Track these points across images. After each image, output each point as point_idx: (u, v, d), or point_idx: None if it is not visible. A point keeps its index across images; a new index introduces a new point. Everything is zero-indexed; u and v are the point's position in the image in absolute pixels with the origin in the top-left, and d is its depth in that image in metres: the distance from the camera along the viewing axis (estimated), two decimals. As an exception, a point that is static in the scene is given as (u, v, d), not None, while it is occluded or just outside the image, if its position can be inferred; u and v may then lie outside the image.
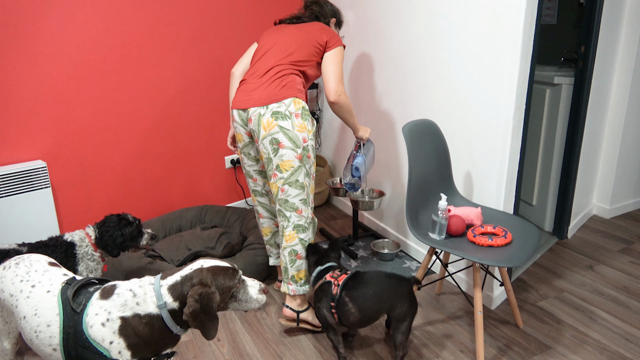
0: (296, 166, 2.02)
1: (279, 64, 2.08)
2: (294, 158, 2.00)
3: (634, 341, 2.05)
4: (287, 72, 2.07)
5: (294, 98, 2.01)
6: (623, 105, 3.03)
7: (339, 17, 2.41)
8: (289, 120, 1.98)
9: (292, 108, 1.99)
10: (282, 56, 2.10)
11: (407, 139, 1.98)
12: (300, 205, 2.06)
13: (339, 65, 2.13)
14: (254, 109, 2.01)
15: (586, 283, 2.50)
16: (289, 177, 2.02)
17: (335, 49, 2.14)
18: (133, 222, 2.10)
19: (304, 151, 2.02)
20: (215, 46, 3.12)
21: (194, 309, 1.29)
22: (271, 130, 1.98)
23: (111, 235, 2.02)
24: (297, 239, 2.06)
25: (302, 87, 2.09)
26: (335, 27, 2.40)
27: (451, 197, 2.21)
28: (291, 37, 2.15)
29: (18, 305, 1.39)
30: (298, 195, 2.05)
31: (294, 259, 2.07)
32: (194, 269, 1.38)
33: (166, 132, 3.06)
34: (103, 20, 2.67)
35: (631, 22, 2.89)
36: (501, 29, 2.05)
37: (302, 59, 2.11)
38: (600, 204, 3.29)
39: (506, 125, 2.10)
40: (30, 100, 2.54)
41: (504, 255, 1.77)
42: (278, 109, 1.98)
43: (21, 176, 2.47)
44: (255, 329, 2.21)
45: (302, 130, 2.00)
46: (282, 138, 1.98)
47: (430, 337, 2.12)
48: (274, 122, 1.97)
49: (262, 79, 2.06)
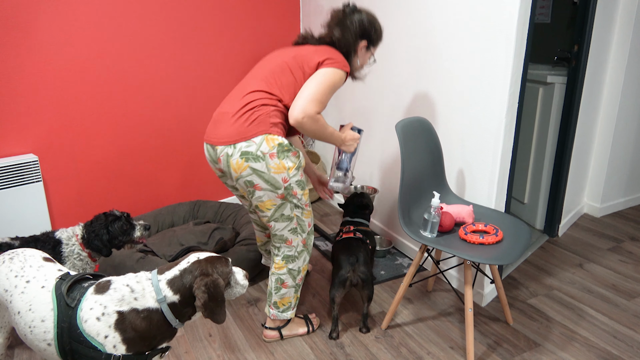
0: (279, 204, 1.84)
1: (254, 91, 1.80)
2: (274, 198, 1.82)
3: (622, 339, 2.08)
4: (260, 102, 1.78)
5: (265, 135, 1.75)
6: (615, 104, 3.05)
7: (372, 35, 1.95)
8: (262, 162, 1.75)
9: (265, 147, 1.74)
10: (260, 83, 1.82)
11: (400, 137, 1.98)
12: (290, 236, 1.94)
13: (322, 84, 1.76)
14: (221, 147, 1.78)
15: (576, 281, 2.53)
16: (272, 214, 1.87)
17: (327, 68, 1.80)
18: (120, 216, 2.03)
19: (287, 190, 1.82)
20: (208, 41, 3.11)
21: (205, 299, 1.34)
22: (243, 173, 1.76)
23: (97, 234, 1.96)
24: (285, 269, 1.99)
25: (277, 120, 1.80)
26: (367, 50, 1.99)
27: (443, 194, 2.22)
28: (279, 60, 1.86)
29: (12, 300, 1.39)
30: (286, 227, 1.91)
31: (279, 287, 2.00)
32: (191, 261, 1.41)
33: (159, 126, 3.05)
34: (96, 15, 2.65)
35: (624, 22, 2.91)
36: (495, 27, 2.05)
37: (284, 87, 1.81)
38: (591, 202, 3.32)
39: (499, 123, 2.11)
40: (22, 94, 2.52)
41: (495, 253, 1.79)
42: (247, 148, 1.74)
43: (12, 170, 2.45)
44: (246, 324, 2.22)
45: (279, 172, 1.77)
46: (257, 180, 1.77)
47: (421, 333, 2.14)
48: (244, 164, 1.75)
49: (233, 108, 1.80)
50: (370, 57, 2.04)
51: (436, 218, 1.92)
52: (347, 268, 2.03)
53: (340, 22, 1.91)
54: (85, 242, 1.97)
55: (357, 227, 2.32)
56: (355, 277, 2.03)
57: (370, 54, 2.02)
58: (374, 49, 2.02)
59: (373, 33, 1.95)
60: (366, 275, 2.03)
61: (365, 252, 2.14)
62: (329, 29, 1.95)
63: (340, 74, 1.83)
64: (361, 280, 2.03)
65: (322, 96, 1.77)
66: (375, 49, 2.03)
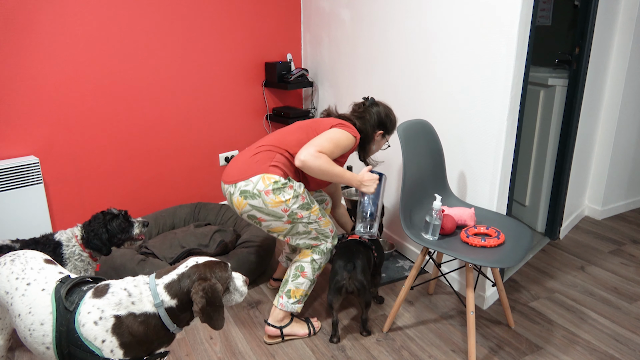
0: (289, 227, 1.96)
1: (261, 145, 1.99)
2: (281, 225, 1.95)
3: (624, 342, 2.07)
4: (267, 148, 1.96)
5: (262, 175, 1.88)
6: (616, 107, 3.05)
7: (387, 125, 2.16)
8: (258, 199, 1.88)
9: (261, 185, 1.87)
10: (275, 139, 2.00)
11: (401, 139, 1.98)
12: (312, 242, 2.04)
13: (328, 138, 1.90)
14: (226, 187, 1.95)
15: (577, 284, 2.52)
16: (286, 233, 1.99)
17: (335, 129, 1.97)
18: (118, 214, 2.02)
19: (291, 216, 1.93)
20: (210, 44, 3.11)
21: (202, 304, 1.32)
22: (244, 209, 1.91)
23: (96, 233, 1.95)
24: (310, 257, 2.05)
25: (278, 163, 1.92)
26: (383, 137, 2.18)
27: (445, 197, 2.22)
28: (297, 124, 2.06)
29: (13, 303, 1.39)
30: (304, 239, 2.02)
31: (298, 274, 2.05)
32: (190, 266, 1.39)
33: (160, 128, 3.04)
34: (98, 17, 2.65)
35: (625, 25, 2.91)
36: (496, 29, 2.05)
37: (294, 142, 1.97)
38: (592, 205, 3.32)
39: (500, 126, 2.11)
40: (23, 96, 2.52)
41: (497, 256, 1.78)
42: (245, 187, 1.89)
43: (13, 172, 2.45)
44: (247, 327, 2.21)
45: (277, 205, 1.89)
46: (258, 214, 1.91)
47: (423, 336, 2.13)
48: (244, 202, 1.90)
49: (243, 156, 1.99)
50: (385, 143, 2.24)
51: (438, 221, 1.91)
52: (342, 275, 2.00)
53: (360, 116, 2.13)
54: (84, 241, 1.96)
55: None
56: (351, 285, 2.00)
57: (385, 140, 2.22)
58: (389, 137, 2.22)
59: (389, 124, 2.16)
60: (362, 284, 1.99)
61: (366, 258, 2.10)
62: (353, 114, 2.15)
63: (349, 136, 1.97)
64: (357, 289, 2.00)
65: (327, 146, 1.88)
66: (390, 136, 2.23)
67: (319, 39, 3.39)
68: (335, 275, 2.02)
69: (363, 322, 2.12)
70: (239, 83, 3.32)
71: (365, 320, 2.11)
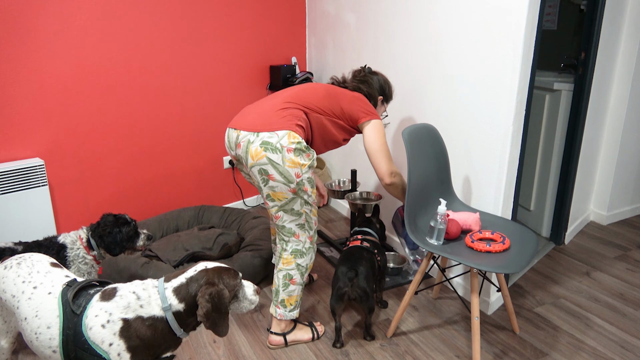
0: (290, 197, 1.91)
1: (288, 101, 1.95)
2: (287, 191, 1.89)
3: (630, 349, 2.05)
4: (292, 107, 1.93)
5: (289, 131, 1.84)
6: (622, 112, 3.04)
7: (387, 91, 2.25)
8: (279, 154, 1.82)
9: (285, 141, 1.83)
10: (296, 98, 1.97)
11: (406, 143, 1.98)
12: (297, 230, 1.99)
13: (383, 141, 2.00)
14: (245, 133, 1.88)
15: (582, 289, 2.50)
16: (283, 205, 1.93)
17: (373, 122, 2.01)
18: (130, 222, 2.06)
19: (298, 185, 1.88)
20: (215, 47, 3.12)
21: (207, 309, 1.32)
22: (259, 161, 1.84)
23: (110, 232, 1.98)
24: (294, 264, 2.00)
25: (302, 124, 1.91)
26: (382, 103, 2.26)
27: (450, 202, 2.21)
28: (316, 89, 2.02)
29: (20, 306, 1.39)
30: (294, 221, 1.97)
31: (288, 283, 2.01)
32: (199, 270, 1.40)
33: (164, 131, 3.05)
34: (103, 19, 2.66)
35: (631, 29, 2.90)
36: (502, 34, 2.05)
37: (317, 106, 1.97)
38: (597, 210, 3.30)
39: (506, 130, 2.10)
40: (28, 98, 2.53)
41: (502, 261, 1.77)
42: (269, 139, 1.83)
43: (18, 174, 2.46)
44: (251, 330, 2.21)
45: (293, 166, 1.84)
46: (271, 170, 1.84)
47: (427, 341, 2.12)
48: (262, 153, 1.82)
49: (263, 107, 1.94)
50: (384, 111, 2.31)
51: (442, 225, 1.91)
52: (344, 282, 1.99)
53: (364, 80, 2.19)
54: (97, 239, 1.98)
55: (365, 237, 2.29)
56: (353, 293, 1.99)
57: (384, 108, 2.30)
58: (387, 105, 2.31)
59: (387, 90, 2.26)
60: (365, 291, 1.99)
61: (369, 264, 2.09)
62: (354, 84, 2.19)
63: (380, 122, 2.06)
64: (359, 296, 1.99)
65: (388, 151, 2.03)
66: (387, 104, 2.32)
67: (324, 43, 3.39)
68: (338, 281, 2.01)
69: (367, 327, 2.11)
70: (243, 86, 3.32)
71: (369, 326, 2.11)
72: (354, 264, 2.03)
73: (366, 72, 2.24)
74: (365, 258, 2.10)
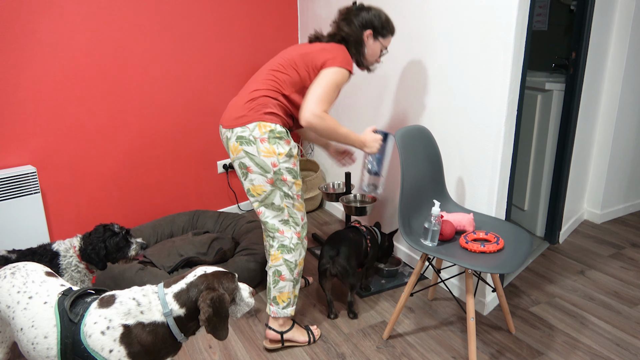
0: (269, 190, 1.93)
1: (261, 83, 1.95)
2: (264, 183, 1.92)
3: (625, 347, 2.06)
4: (262, 94, 1.92)
5: (258, 122, 1.88)
6: (613, 110, 3.06)
7: (376, 23, 2.01)
8: (253, 146, 1.88)
9: (257, 133, 1.87)
10: (267, 77, 1.95)
11: (399, 145, 1.98)
12: (281, 226, 2.00)
13: (326, 86, 1.86)
14: (224, 130, 1.96)
15: (577, 288, 2.51)
16: (263, 199, 1.96)
17: (329, 69, 1.89)
18: (119, 232, 2.00)
19: (276, 175, 1.91)
20: (208, 51, 3.11)
21: (209, 314, 1.32)
22: (238, 155, 1.91)
23: (94, 248, 1.93)
24: (281, 259, 2.01)
25: (273, 110, 1.92)
26: (375, 39, 2.04)
27: (443, 203, 2.21)
28: (288, 56, 1.97)
29: (15, 317, 1.38)
30: (277, 217, 1.98)
31: (277, 279, 2.02)
32: (198, 275, 1.40)
33: (158, 136, 3.04)
34: (95, 24, 2.65)
35: (621, 29, 2.92)
36: (493, 34, 2.06)
37: (288, 81, 1.93)
38: (591, 209, 3.31)
39: (498, 131, 2.11)
40: (19, 105, 2.52)
41: (496, 262, 1.77)
42: (242, 133, 1.89)
43: (10, 181, 2.44)
44: (247, 335, 2.20)
45: (269, 155, 1.88)
46: (249, 163, 1.90)
47: (423, 343, 2.12)
48: (239, 147, 1.90)
49: (237, 100, 1.97)
50: (381, 47, 2.08)
51: (437, 226, 1.91)
52: (327, 259, 2.19)
53: (345, 17, 2.03)
54: (81, 253, 1.95)
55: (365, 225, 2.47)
56: (334, 269, 2.18)
57: (379, 44, 2.07)
58: (383, 40, 2.07)
59: (377, 21, 2.01)
60: (345, 269, 2.17)
61: (354, 244, 2.26)
62: (336, 25, 2.05)
63: (342, 72, 1.91)
64: (339, 273, 2.18)
65: (327, 96, 1.87)
66: (385, 39, 2.07)
67: (316, 46, 3.39)
68: (321, 259, 2.22)
69: (349, 305, 2.27)
70: (237, 90, 3.31)
71: (351, 303, 2.28)
72: (336, 243, 2.23)
73: (352, 9, 2.04)
74: (351, 239, 2.28)
